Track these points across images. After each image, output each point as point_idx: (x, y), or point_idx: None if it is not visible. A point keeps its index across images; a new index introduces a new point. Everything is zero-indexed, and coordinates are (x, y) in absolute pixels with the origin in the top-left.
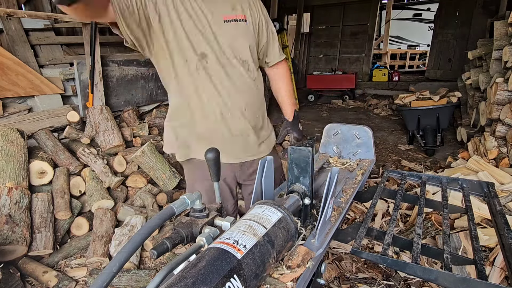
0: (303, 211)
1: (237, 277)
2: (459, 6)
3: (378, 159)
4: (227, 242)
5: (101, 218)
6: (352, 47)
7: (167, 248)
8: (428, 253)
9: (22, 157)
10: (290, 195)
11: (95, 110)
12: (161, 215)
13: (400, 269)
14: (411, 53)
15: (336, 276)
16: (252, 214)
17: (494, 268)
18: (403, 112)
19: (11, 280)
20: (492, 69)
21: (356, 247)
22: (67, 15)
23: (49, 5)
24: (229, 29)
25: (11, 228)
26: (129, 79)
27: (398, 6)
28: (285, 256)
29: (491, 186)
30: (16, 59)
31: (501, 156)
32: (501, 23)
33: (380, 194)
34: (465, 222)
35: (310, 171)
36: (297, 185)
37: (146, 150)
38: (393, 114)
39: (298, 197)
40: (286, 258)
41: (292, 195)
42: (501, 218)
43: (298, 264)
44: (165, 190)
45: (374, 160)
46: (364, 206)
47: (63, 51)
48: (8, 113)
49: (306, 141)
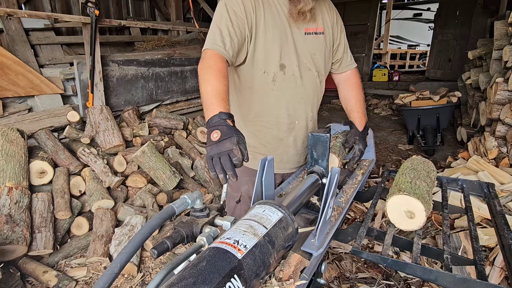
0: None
1: (237, 277)
2: (459, 6)
3: (378, 159)
4: (227, 242)
5: (101, 218)
6: (352, 47)
7: (167, 247)
8: (428, 253)
9: (22, 157)
10: (311, 175)
11: (95, 110)
12: (162, 214)
13: (400, 269)
14: (411, 53)
15: (336, 276)
16: (252, 214)
17: (494, 268)
18: (403, 112)
19: (11, 280)
20: (492, 69)
21: (356, 247)
22: (67, 15)
23: (49, 5)
24: (309, 41)
25: (11, 228)
26: (129, 79)
27: (398, 6)
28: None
29: (491, 187)
30: (16, 59)
31: (501, 156)
32: (501, 23)
33: (380, 194)
34: (465, 222)
35: (327, 155)
36: (316, 167)
37: (146, 150)
38: (393, 114)
39: (317, 177)
40: (277, 268)
41: (312, 175)
42: (501, 218)
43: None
44: (165, 190)
45: (374, 160)
46: (364, 206)
47: (63, 51)
48: (8, 113)
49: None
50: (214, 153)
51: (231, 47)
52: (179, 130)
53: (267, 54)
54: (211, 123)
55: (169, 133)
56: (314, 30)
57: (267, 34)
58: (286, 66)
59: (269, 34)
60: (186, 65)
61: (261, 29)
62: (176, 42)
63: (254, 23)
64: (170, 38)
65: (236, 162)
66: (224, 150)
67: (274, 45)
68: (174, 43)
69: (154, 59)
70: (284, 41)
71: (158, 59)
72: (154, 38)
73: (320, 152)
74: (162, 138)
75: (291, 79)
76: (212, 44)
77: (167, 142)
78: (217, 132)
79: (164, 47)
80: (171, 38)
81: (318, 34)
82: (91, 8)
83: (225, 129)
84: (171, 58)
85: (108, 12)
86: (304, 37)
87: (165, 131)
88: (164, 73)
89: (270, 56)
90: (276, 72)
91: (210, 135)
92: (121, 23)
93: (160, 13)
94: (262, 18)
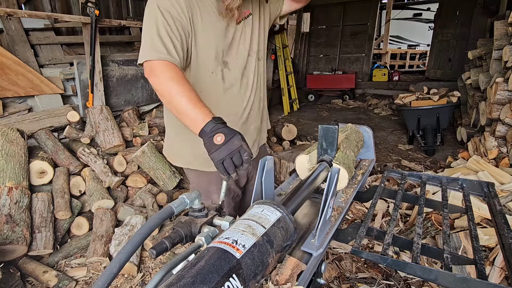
0: None
1: (236, 276)
2: (459, 6)
3: (378, 159)
4: (226, 242)
5: (101, 218)
6: (352, 47)
7: (166, 247)
8: (428, 253)
9: (22, 157)
10: (321, 163)
11: (95, 110)
12: (160, 214)
13: (400, 269)
14: (411, 53)
15: (336, 276)
16: (251, 214)
17: (494, 268)
18: (403, 112)
19: (11, 280)
20: (492, 69)
21: (356, 247)
22: (67, 15)
23: (49, 5)
24: (242, 30)
25: (11, 228)
26: (129, 79)
27: (398, 6)
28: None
29: (491, 186)
30: (16, 59)
31: (501, 156)
32: (501, 23)
33: (380, 194)
34: (465, 222)
35: (335, 145)
36: (325, 156)
37: (146, 150)
38: (393, 114)
39: (327, 164)
40: (274, 272)
41: (322, 163)
42: (501, 218)
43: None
44: (165, 190)
45: (374, 160)
46: (364, 206)
47: (63, 51)
48: (8, 113)
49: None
50: (225, 155)
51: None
52: None
53: (211, 54)
54: (208, 130)
55: None
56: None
57: (207, 32)
58: (228, 62)
59: (208, 33)
60: None
61: (199, 29)
62: None
63: (192, 23)
64: None
65: (247, 157)
66: (235, 149)
67: (215, 43)
68: None
69: None
70: (222, 37)
71: None
72: None
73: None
74: (162, 138)
75: (235, 72)
76: (156, 53)
77: None
78: (221, 135)
79: None
80: None
81: (247, 18)
82: (91, 8)
83: (226, 130)
84: None
85: (108, 12)
86: (237, 27)
87: (165, 131)
88: None
89: (214, 55)
90: (222, 70)
91: (213, 140)
92: (121, 23)
93: None
94: (198, 17)
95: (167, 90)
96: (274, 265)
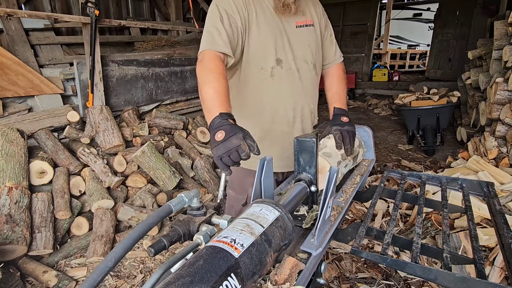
0: (309, 198)
1: (234, 275)
2: (459, 6)
3: (378, 159)
4: (224, 241)
5: (101, 218)
6: (352, 47)
7: (164, 245)
8: (428, 253)
9: (22, 157)
10: (298, 183)
11: (95, 110)
12: (159, 212)
13: (400, 269)
14: (411, 53)
15: (336, 276)
16: (249, 213)
17: (494, 268)
18: (403, 112)
19: (11, 280)
20: (492, 69)
21: (356, 247)
22: (67, 15)
23: (49, 5)
24: (301, 34)
25: (11, 227)
26: (129, 79)
27: (398, 6)
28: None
29: (490, 186)
30: (16, 59)
31: (501, 156)
32: (501, 23)
33: (380, 194)
34: (465, 222)
35: (315, 161)
36: (303, 174)
37: (146, 150)
38: (393, 114)
39: (305, 184)
40: (272, 272)
41: (299, 183)
42: (501, 218)
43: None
44: (165, 190)
45: (374, 160)
46: (364, 206)
47: (63, 51)
48: (8, 113)
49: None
50: (222, 152)
51: (229, 45)
52: (179, 130)
53: (263, 50)
54: (213, 125)
55: (169, 133)
56: (304, 23)
57: (261, 30)
58: (282, 61)
59: (262, 30)
60: (186, 65)
61: (254, 26)
62: (176, 42)
63: (247, 20)
64: (170, 38)
65: (245, 157)
66: (232, 148)
67: (268, 40)
68: (174, 43)
69: (154, 59)
70: (278, 35)
71: (158, 59)
72: (154, 38)
73: (307, 159)
74: (162, 138)
75: (288, 73)
76: (209, 44)
77: (167, 142)
78: (222, 132)
79: (164, 47)
80: (171, 38)
81: (308, 26)
82: (91, 8)
83: (228, 128)
84: (171, 58)
85: (108, 12)
86: (296, 30)
87: (165, 131)
88: (164, 73)
89: (266, 52)
90: (273, 67)
91: (214, 136)
92: (121, 23)
93: (160, 13)
94: (254, 15)
95: (202, 78)
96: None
